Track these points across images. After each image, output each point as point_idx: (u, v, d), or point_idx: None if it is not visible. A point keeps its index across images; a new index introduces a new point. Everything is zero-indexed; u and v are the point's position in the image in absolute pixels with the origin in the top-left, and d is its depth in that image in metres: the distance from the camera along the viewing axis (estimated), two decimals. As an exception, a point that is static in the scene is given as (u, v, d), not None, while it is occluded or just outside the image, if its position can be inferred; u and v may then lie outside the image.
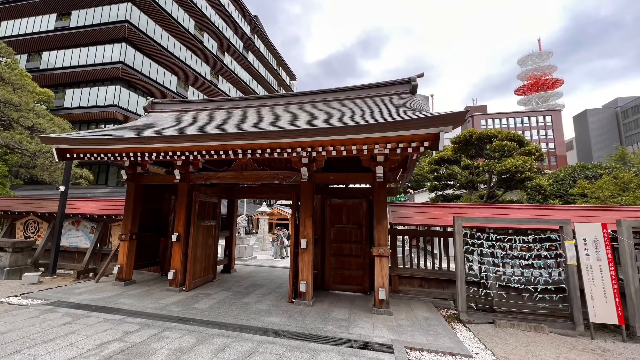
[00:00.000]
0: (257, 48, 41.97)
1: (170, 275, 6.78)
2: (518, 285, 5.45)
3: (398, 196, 21.20)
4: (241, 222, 14.79)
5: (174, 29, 27.29)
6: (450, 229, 6.51)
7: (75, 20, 23.96)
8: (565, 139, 60.94)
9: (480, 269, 5.85)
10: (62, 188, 8.50)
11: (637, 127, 59.46)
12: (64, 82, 24.75)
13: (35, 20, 24.95)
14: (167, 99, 9.83)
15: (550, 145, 57.51)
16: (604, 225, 5.18)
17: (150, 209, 8.38)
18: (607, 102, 68.76)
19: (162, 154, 6.22)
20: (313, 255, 6.27)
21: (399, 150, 5.00)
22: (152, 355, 3.69)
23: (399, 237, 7.39)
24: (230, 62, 35.39)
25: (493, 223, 5.93)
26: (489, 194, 15.13)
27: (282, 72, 51.57)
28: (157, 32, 25.26)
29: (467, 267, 5.81)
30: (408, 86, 7.28)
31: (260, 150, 5.64)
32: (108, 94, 22.33)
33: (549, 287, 5.42)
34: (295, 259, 6.35)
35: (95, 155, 6.61)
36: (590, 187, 12.59)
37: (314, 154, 5.50)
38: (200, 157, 6.12)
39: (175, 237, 6.92)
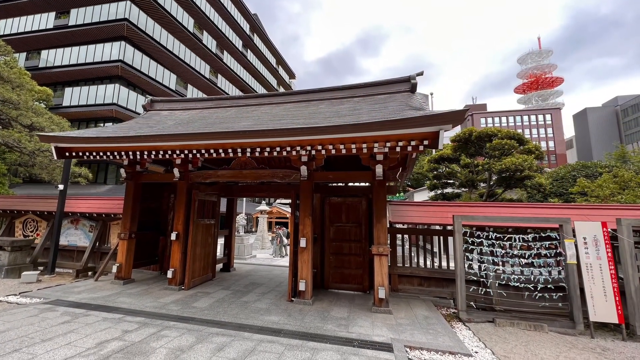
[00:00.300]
0: (256, 46, 41.86)
1: (170, 274, 6.77)
2: (518, 284, 5.45)
3: (397, 195, 21.20)
4: (240, 221, 14.77)
5: (173, 27, 27.19)
6: (450, 228, 6.50)
7: (74, 18, 23.86)
8: (565, 137, 60.94)
9: (480, 268, 5.84)
10: (61, 186, 8.48)
11: (637, 125, 59.49)
12: (63, 80, 24.68)
13: (34, 19, 24.84)
14: (166, 98, 9.80)
15: (550, 143, 57.50)
16: (603, 223, 5.18)
17: (149, 208, 8.37)
18: (607, 100, 68.76)
19: (162, 152, 6.20)
20: (312, 254, 6.26)
21: (398, 148, 4.99)
22: (151, 354, 3.68)
23: (399, 235, 7.38)
24: (229, 60, 35.29)
25: (493, 222, 5.92)
26: (488, 192, 15.11)
27: (281, 71, 51.44)
28: (157, 30, 25.18)
29: (466, 266, 5.82)
30: (407, 84, 7.26)
31: (259, 149, 5.62)
32: (107, 93, 22.26)
33: (548, 286, 5.42)
34: (294, 257, 6.34)
35: (94, 153, 6.60)
36: (590, 185, 12.58)
37: (313, 152, 5.48)
38: (199, 155, 6.11)
39: (174, 235, 6.91)
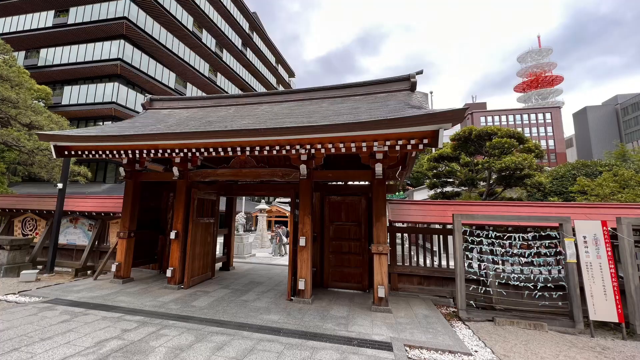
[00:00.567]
0: (255, 45, 41.75)
1: (169, 273, 6.76)
2: (517, 282, 5.44)
3: (397, 193, 21.16)
4: (240, 220, 14.75)
5: (173, 26, 27.13)
6: (449, 227, 6.48)
7: (73, 17, 23.81)
8: (565, 136, 60.86)
9: (479, 267, 5.83)
10: (60, 185, 8.46)
11: (637, 124, 59.47)
12: (62, 79, 24.64)
13: (33, 17, 24.79)
14: (165, 96, 9.77)
15: (550, 142, 57.40)
16: (603, 222, 5.17)
17: (148, 207, 8.36)
18: (607, 99, 68.76)
19: (161, 151, 6.18)
20: (312, 252, 6.25)
21: (398, 147, 4.97)
22: (151, 353, 3.67)
23: (398, 234, 7.36)
24: (228, 59, 35.22)
25: (492, 220, 5.91)
26: (488, 191, 15.09)
27: (281, 69, 51.33)
28: (156, 29, 25.12)
29: (466, 265, 5.81)
30: (407, 83, 7.24)
31: (259, 148, 5.60)
32: (106, 91, 22.25)
33: (548, 285, 5.41)
34: (294, 256, 6.34)
35: (94, 152, 6.58)
36: (590, 184, 12.58)
37: (312, 151, 5.47)
38: (198, 154, 6.09)
39: (173, 234, 6.89)
